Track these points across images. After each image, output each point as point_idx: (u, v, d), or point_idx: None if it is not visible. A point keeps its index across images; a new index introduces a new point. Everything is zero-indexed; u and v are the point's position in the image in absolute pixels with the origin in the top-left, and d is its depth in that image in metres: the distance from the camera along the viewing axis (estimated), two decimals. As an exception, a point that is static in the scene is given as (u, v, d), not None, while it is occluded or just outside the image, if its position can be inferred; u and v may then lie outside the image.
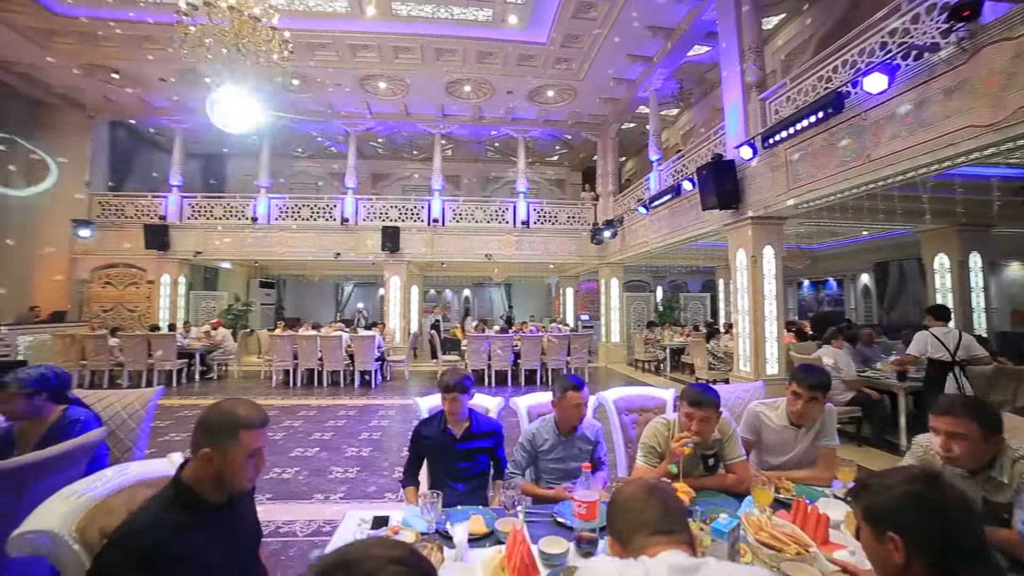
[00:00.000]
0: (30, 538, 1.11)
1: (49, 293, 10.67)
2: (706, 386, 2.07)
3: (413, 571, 0.64)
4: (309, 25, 7.54)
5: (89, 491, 1.27)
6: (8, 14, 7.54)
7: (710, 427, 1.97)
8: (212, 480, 1.25)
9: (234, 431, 1.25)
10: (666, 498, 1.02)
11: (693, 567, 0.86)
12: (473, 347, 8.87)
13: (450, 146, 13.64)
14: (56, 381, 2.14)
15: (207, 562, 1.20)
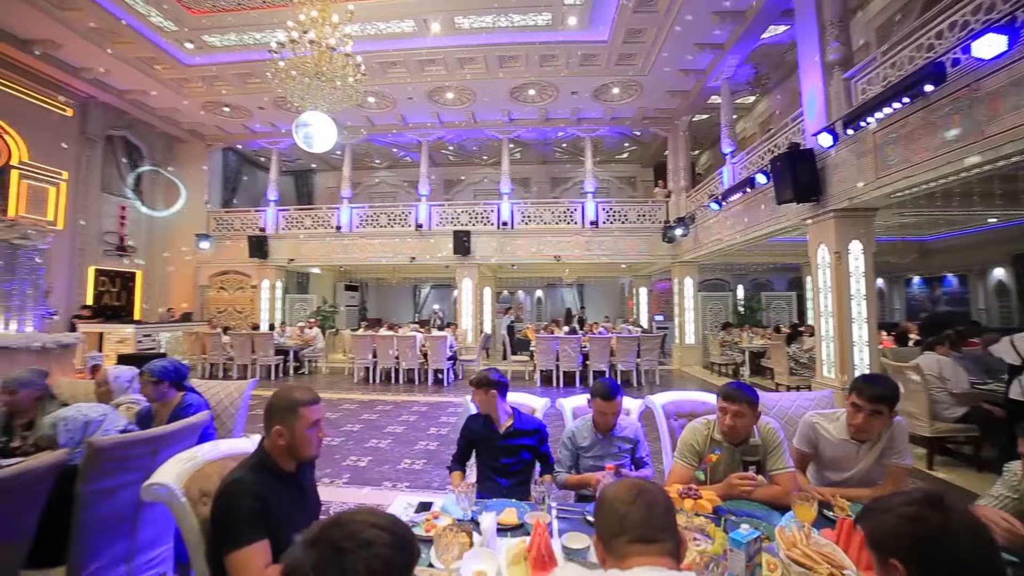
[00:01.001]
0: (154, 488, 1.43)
1: (180, 297, 12.49)
2: (742, 383, 2.02)
3: (389, 535, 0.76)
4: (381, 47, 8.14)
5: (194, 459, 1.59)
6: (155, 71, 9.14)
7: (743, 422, 1.92)
8: (285, 451, 1.53)
9: (294, 409, 1.52)
10: (652, 501, 0.96)
11: None
12: (541, 348, 8.98)
13: (518, 149, 13.88)
14: (175, 373, 2.60)
15: (283, 515, 1.45)
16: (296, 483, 1.59)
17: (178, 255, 12.52)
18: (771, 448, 1.99)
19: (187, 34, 7.87)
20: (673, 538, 0.93)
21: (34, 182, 9.23)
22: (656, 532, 0.92)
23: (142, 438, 1.91)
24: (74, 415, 2.09)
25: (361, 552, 0.72)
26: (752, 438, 2.00)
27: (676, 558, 0.91)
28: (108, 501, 1.78)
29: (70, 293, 9.91)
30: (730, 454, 2.02)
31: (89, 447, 1.76)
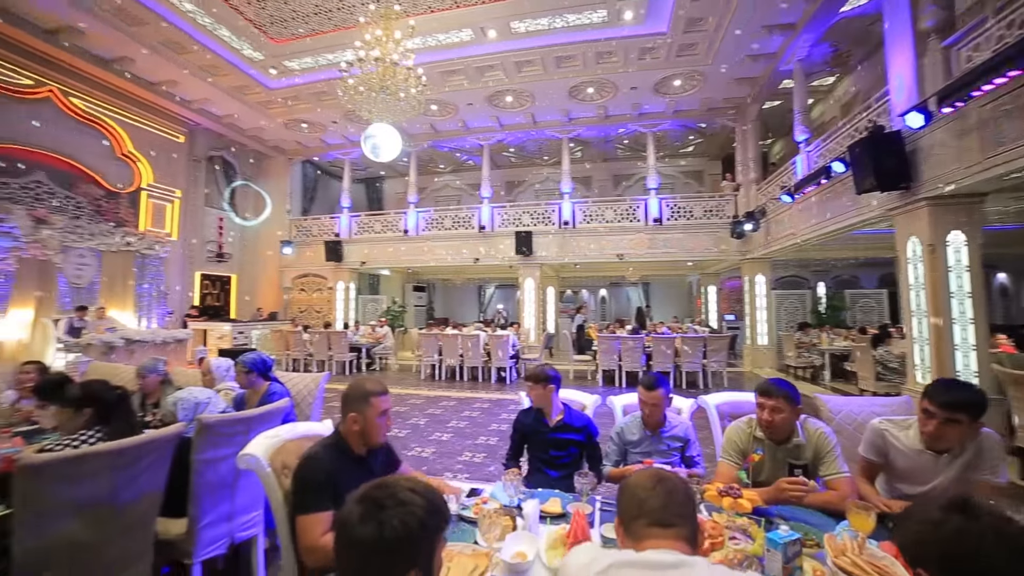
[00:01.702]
0: (246, 457, 1.70)
1: (268, 298, 13.79)
2: (780, 380, 1.97)
3: (423, 499, 0.89)
4: (441, 56, 8.51)
5: (277, 436, 1.85)
6: (245, 97, 10.24)
7: (781, 418, 1.89)
8: (358, 435, 1.75)
9: (367, 399, 1.74)
10: (671, 489, 1.00)
11: (675, 563, 0.87)
12: (603, 347, 8.92)
13: (579, 148, 13.82)
14: (262, 364, 2.97)
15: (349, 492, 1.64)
16: (366, 466, 1.79)
17: (265, 260, 13.81)
18: (823, 453, 1.91)
19: (271, 61, 8.72)
20: (690, 525, 0.97)
21: (157, 200, 10.64)
22: (673, 517, 0.97)
23: (237, 418, 2.24)
24: (187, 397, 2.48)
25: (398, 509, 0.86)
26: (795, 437, 1.94)
27: (692, 544, 0.95)
28: (213, 469, 2.12)
29: (183, 295, 11.31)
30: (772, 453, 1.97)
31: (199, 423, 2.09)
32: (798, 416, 1.95)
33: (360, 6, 6.71)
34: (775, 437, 1.96)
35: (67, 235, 8.32)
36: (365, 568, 0.84)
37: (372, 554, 0.83)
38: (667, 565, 0.88)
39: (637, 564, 0.89)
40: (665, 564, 0.88)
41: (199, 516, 2.10)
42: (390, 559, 0.83)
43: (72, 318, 7.82)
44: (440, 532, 0.93)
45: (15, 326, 7.55)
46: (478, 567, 1.32)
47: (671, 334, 9.21)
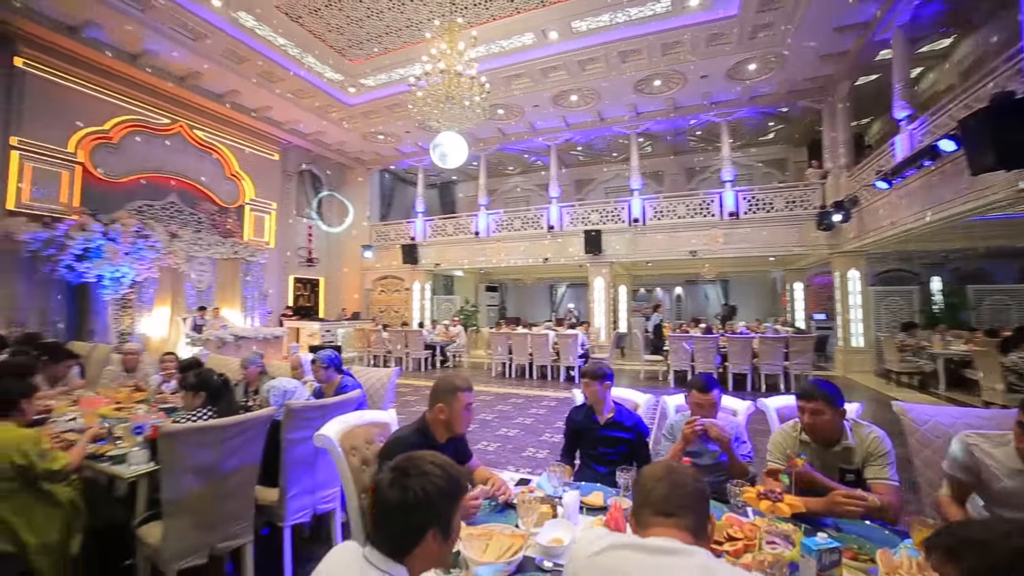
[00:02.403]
0: (321, 437, 1.96)
1: (351, 299, 14.96)
2: (821, 380, 1.88)
3: (442, 471, 1.02)
4: (504, 62, 8.75)
5: (347, 422, 2.09)
6: (328, 114, 11.22)
7: (822, 420, 1.82)
8: (443, 424, 1.93)
9: (454, 392, 1.91)
10: (677, 482, 1.02)
11: (672, 550, 0.90)
12: (675, 347, 8.65)
13: (648, 143, 13.44)
14: (335, 360, 3.33)
15: None
16: (444, 452, 1.97)
17: (349, 264, 14.98)
18: (873, 457, 1.80)
19: (349, 81, 9.51)
20: (695, 517, 0.99)
21: (258, 213, 12.00)
22: (676, 508, 1.00)
23: (317, 405, 2.56)
24: (278, 385, 2.86)
25: (420, 478, 1.00)
26: (844, 440, 1.85)
27: (696, 535, 0.97)
28: (298, 447, 2.45)
29: (279, 296, 12.64)
30: (822, 457, 1.89)
31: (286, 408, 2.43)
32: (842, 418, 1.86)
33: (426, 22, 7.12)
34: (821, 440, 1.89)
35: (191, 246, 9.67)
36: (391, 525, 0.99)
37: (396, 513, 0.98)
38: (664, 551, 0.91)
39: (634, 547, 0.94)
40: (662, 549, 0.91)
41: (287, 487, 2.44)
42: (411, 519, 0.98)
43: (195, 317, 9.10)
44: (457, 500, 1.05)
45: (158, 323, 8.97)
46: (513, 546, 1.43)
47: (748, 334, 8.67)
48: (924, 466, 2.16)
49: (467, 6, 7.10)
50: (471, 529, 1.58)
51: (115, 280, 7.95)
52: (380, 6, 7.13)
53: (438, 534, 1.00)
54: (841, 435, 1.87)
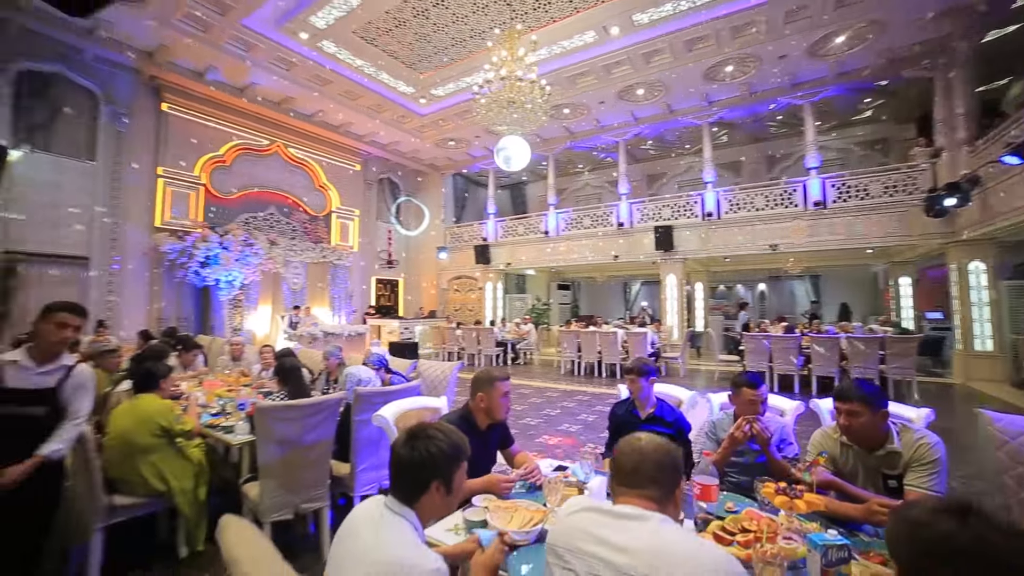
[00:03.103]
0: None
1: (428, 298, 15.83)
2: (863, 381, 1.79)
3: (446, 437, 1.24)
4: (567, 62, 8.80)
5: (401, 406, 2.41)
6: (403, 125, 11.99)
7: (859, 422, 1.75)
8: (484, 412, 2.17)
9: (492, 382, 2.15)
10: (643, 458, 1.12)
11: (633, 515, 1.03)
12: (751, 347, 8.20)
13: (723, 132, 12.73)
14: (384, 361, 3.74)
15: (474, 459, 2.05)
16: (484, 438, 2.21)
17: (426, 265, 15.85)
18: (918, 463, 1.69)
19: (420, 92, 10.13)
20: (657, 487, 1.10)
21: (343, 220, 13.16)
22: (641, 480, 1.11)
23: (380, 391, 2.92)
24: (352, 374, 3.27)
25: (425, 440, 1.23)
26: (888, 444, 1.75)
27: (659, 504, 1.08)
28: (366, 428, 2.79)
29: (363, 296, 13.74)
30: (861, 459, 1.82)
31: (356, 393, 2.79)
32: (884, 420, 1.76)
33: (488, 31, 7.41)
34: (861, 443, 1.81)
35: (287, 252, 10.90)
36: (402, 478, 1.23)
37: (406, 468, 1.22)
38: (624, 515, 1.04)
39: (600, 511, 1.08)
40: (623, 515, 1.04)
41: (357, 462, 2.80)
42: (418, 473, 1.21)
43: (291, 314, 10.23)
44: (457, 461, 1.27)
45: (261, 320, 10.25)
46: (534, 519, 1.59)
47: (835, 333, 7.95)
48: (1019, 486, 1.93)
49: (527, 11, 7.27)
50: (501, 503, 1.76)
51: (228, 283, 9.24)
52: (444, 20, 7.55)
53: (441, 487, 1.23)
54: (885, 439, 1.78)
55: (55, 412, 2.10)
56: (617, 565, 0.97)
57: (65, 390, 2.13)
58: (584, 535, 1.06)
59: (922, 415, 2.17)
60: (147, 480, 2.50)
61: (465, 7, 7.17)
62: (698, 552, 0.96)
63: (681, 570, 0.92)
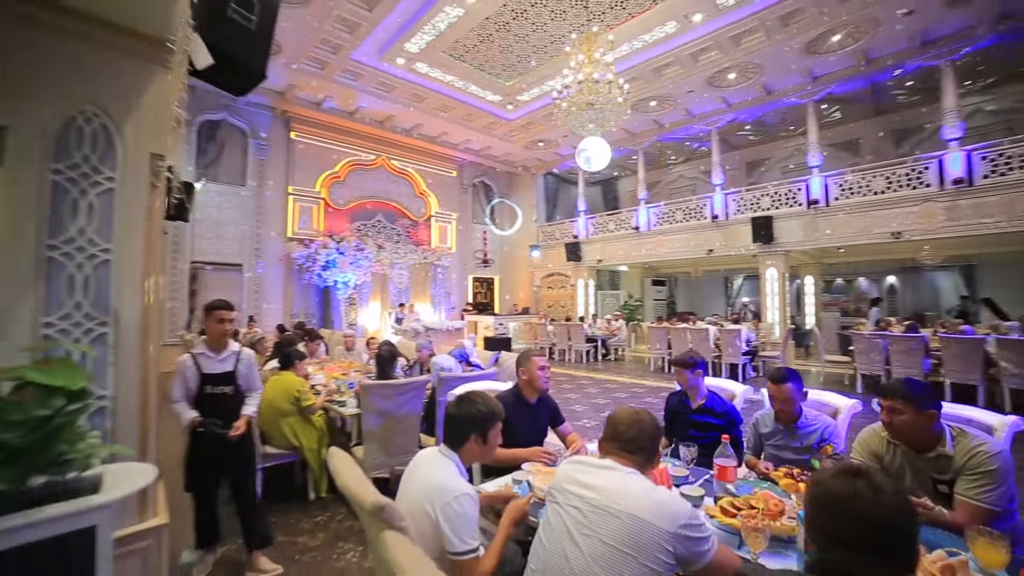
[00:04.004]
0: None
1: (522, 295, 16.43)
2: (910, 379, 1.75)
3: (483, 401, 1.58)
4: (649, 55, 8.64)
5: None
6: (493, 131, 12.65)
7: (901, 420, 1.72)
8: (527, 384, 2.60)
9: (529, 357, 2.61)
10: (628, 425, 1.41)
11: (607, 466, 1.33)
12: (862, 347, 7.42)
13: (835, 108, 11.40)
14: (463, 355, 4.14)
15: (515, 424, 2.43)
16: (532, 410, 2.59)
17: (519, 263, 16.45)
18: (970, 471, 1.62)
19: (507, 99, 10.63)
20: (643, 455, 1.38)
21: (441, 223, 14.25)
22: (622, 442, 1.38)
23: (458, 376, 3.39)
24: (437, 362, 3.79)
25: (468, 404, 1.62)
26: (940, 447, 1.69)
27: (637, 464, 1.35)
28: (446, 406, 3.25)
29: (461, 294, 14.74)
30: (910, 460, 1.79)
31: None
32: (930, 421, 1.70)
33: (567, 35, 7.62)
34: (908, 443, 1.77)
35: (393, 255, 12.17)
36: (449, 429, 1.64)
37: (451, 422, 1.64)
38: (603, 466, 1.33)
39: (585, 462, 1.39)
40: (601, 465, 1.34)
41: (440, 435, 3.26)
42: (460, 426, 1.62)
43: (397, 311, 11.43)
44: (492, 421, 1.64)
45: (372, 316, 11.61)
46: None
47: (973, 333, 6.81)
48: None
49: (604, 11, 7.33)
50: (544, 468, 2.09)
51: (344, 284, 10.64)
52: (525, 30, 7.90)
53: (478, 439, 1.62)
54: (937, 441, 1.73)
55: (237, 388, 2.68)
56: (586, 498, 1.27)
57: (240, 371, 2.69)
58: (569, 478, 1.37)
59: (1006, 423, 2.00)
60: (286, 436, 3.26)
61: (543, 15, 7.46)
62: (651, 492, 1.24)
63: (634, 503, 1.20)
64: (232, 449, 2.57)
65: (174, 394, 2.52)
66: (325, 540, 2.89)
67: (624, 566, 1.15)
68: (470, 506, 1.44)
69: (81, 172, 1.67)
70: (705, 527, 1.23)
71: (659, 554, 1.15)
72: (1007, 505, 1.60)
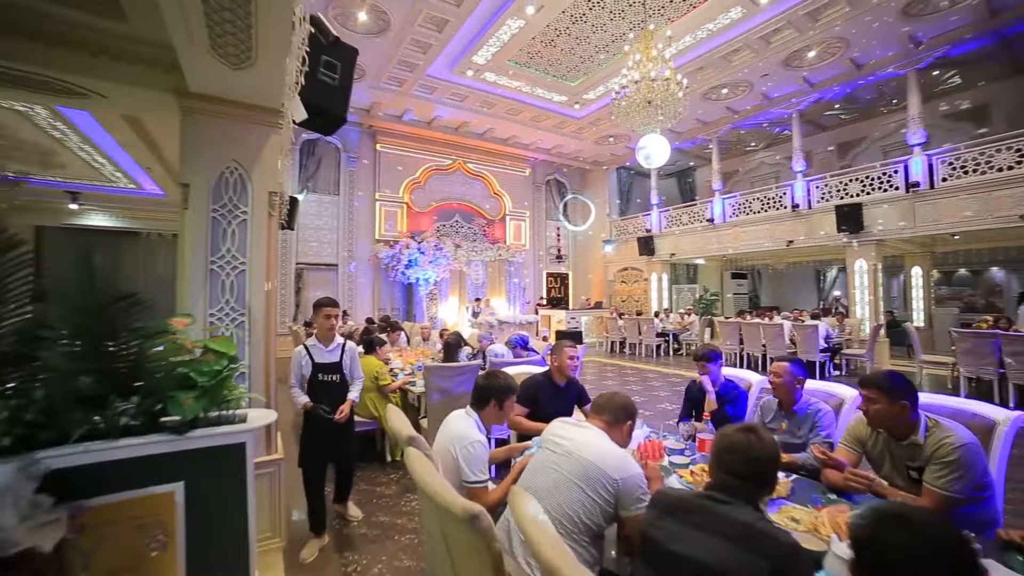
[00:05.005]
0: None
1: (596, 290, 16.56)
2: (893, 371, 1.88)
3: (505, 377, 2.09)
4: (715, 43, 8.42)
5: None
6: (562, 130, 12.95)
7: (875, 409, 1.88)
8: (557, 370, 3.02)
9: (561, 347, 3.02)
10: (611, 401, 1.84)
11: (584, 425, 1.72)
12: (966, 347, 6.73)
13: (951, 74, 10.08)
14: (519, 342, 4.58)
15: (543, 404, 2.90)
16: (560, 392, 3.01)
17: (593, 258, 16.59)
18: (936, 461, 1.76)
19: (573, 99, 10.89)
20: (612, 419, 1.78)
21: (515, 221, 14.86)
22: (596, 408, 1.84)
23: (505, 361, 3.88)
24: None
25: (492, 378, 2.11)
26: (913, 436, 1.84)
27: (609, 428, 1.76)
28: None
29: (535, 289, 15.26)
30: (889, 447, 1.95)
31: (490, 362, 3.81)
32: (903, 411, 1.84)
33: (626, 34, 7.75)
34: (885, 430, 1.94)
35: (470, 253, 13.01)
36: (476, 393, 2.14)
37: (478, 388, 2.13)
38: (580, 425, 1.77)
39: (566, 422, 1.82)
40: (580, 424, 1.77)
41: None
42: (483, 392, 2.11)
43: (473, 306, 12.24)
44: (508, 393, 2.12)
45: (450, 310, 12.57)
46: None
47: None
48: None
49: (663, 5, 7.32)
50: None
51: (425, 280, 11.65)
52: (585, 33, 8.13)
53: (496, 405, 2.11)
54: (912, 431, 1.86)
55: (343, 376, 3.00)
56: (561, 445, 1.71)
57: (345, 361, 3.00)
58: (553, 432, 1.81)
59: (1011, 417, 2.03)
60: (368, 408, 3.99)
61: (602, 17, 7.64)
62: (606, 446, 1.65)
63: (590, 451, 1.62)
64: (338, 432, 2.90)
65: (291, 380, 2.88)
66: (397, 491, 3.60)
67: (572, 493, 1.56)
68: (481, 450, 1.94)
69: (228, 209, 2.42)
70: (644, 491, 1.57)
71: (600, 490, 1.55)
72: (972, 493, 1.71)
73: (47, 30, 2.14)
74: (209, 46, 1.89)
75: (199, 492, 1.76)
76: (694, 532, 1.16)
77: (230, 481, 1.84)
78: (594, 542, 1.56)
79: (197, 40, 1.86)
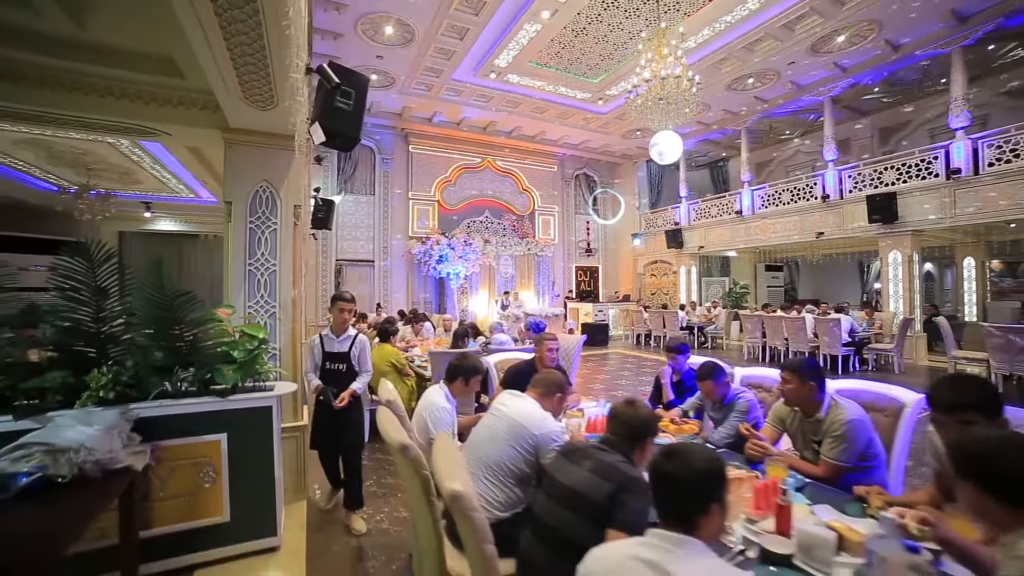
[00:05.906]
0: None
1: (625, 283, 16.63)
2: (807, 358, 2.19)
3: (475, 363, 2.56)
4: (734, 34, 8.35)
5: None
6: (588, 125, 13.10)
7: (788, 389, 2.19)
8: (539, 360, 3.41)
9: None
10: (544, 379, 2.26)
11: (519, 395, 2.12)
12: (997, 343, 6.54)
13: (1008, 48, 9.37)
14: (538, 327, 4.97)
15: None
16: None
17: (622, 251, 16.64)
18: (828, 435, 2.06)
19: (596, 96, 11.05)
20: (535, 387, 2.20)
21: (544, 216, 15.18)
22: (533, 383, 2.23)
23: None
24: (496, 337, 4.74)
25: (463, 360, 2.59)
26: (818, 413, 2.13)
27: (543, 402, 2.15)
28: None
29: (564, 282, 15.53)
30: (800, 422, 2.24)
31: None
32: (811, 391, 2.13)
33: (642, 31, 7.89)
34: (800, 408, 2.22)
35: (499, 248, 13.49)
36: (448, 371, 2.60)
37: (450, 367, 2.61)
38: (518, 396, 2.17)
39: (512, 393, 2.22)
40: (518, 395, 2.18)
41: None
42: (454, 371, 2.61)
43: (502, 299, 12.73)
44: (474, 374, 2.61)
45: (480, 303, 13.13)
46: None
47: None
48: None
49: (678, 1, 7.41)
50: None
51: (456, 275, 12.24)
52: (602, 32, 8.32)
53: (463, 381, 2.58)
54: (817, 409, 2.15)
55: (350, 366, 3.14)
56: (501, 411, 2.13)
57: (353, 352, 3.13)
58: (498, 401, 2.23)
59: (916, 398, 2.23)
60: (385, 389, 4.53)
61: (617, 15, 7.82)
62: (534, 410, 2.06)
63: (520, 415, 2.03)
64: (337, 418, 3.00)
65: (306, 365, 3.11)
66: (409, 460, 4.13)
67: (500, 445, 1.99)
68: (445, 415, 2.43)
69: (261, 221, 2.98)
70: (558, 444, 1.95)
71: (522, 442, 1.97)
72: (857, 463, 2.01)
73: (130, 92, 2.82)
74: (241, 95, 2.43)
75: (238, 442, 2.34)
76: (575, 468, 1.56)
77: (261, 436, 2.40)
78: (518, 484, 1.96)
79: (232, 91, 2.41)
